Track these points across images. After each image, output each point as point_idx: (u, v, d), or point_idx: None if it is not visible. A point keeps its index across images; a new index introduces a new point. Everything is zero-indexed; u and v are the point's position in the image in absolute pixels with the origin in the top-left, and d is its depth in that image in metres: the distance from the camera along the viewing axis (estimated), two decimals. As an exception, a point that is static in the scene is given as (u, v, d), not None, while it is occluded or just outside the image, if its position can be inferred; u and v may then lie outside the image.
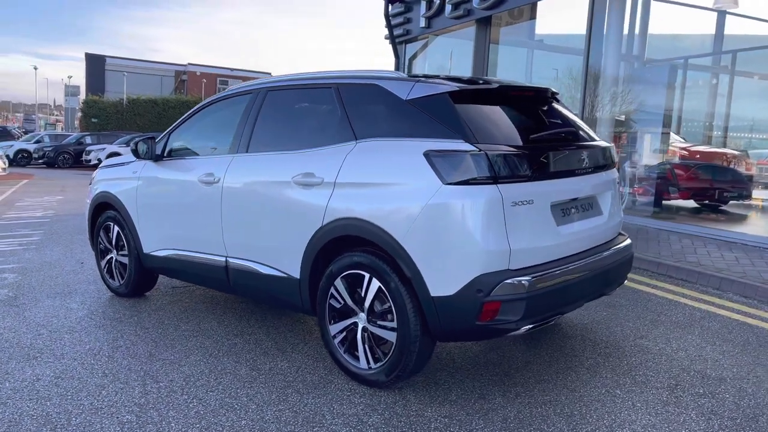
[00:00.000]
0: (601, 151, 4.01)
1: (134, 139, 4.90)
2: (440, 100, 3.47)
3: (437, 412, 3.33)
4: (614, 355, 4.14)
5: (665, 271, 6.25)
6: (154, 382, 3.70)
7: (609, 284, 3.91)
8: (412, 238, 3.32)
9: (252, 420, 3.24)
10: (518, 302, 3.21)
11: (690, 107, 10.41)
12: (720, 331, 4.67)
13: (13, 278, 6.19)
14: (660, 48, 10.50)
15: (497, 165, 3.21)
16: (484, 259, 3.18)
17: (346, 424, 3.20)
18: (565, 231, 3.54)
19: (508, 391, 3.60)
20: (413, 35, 13.70)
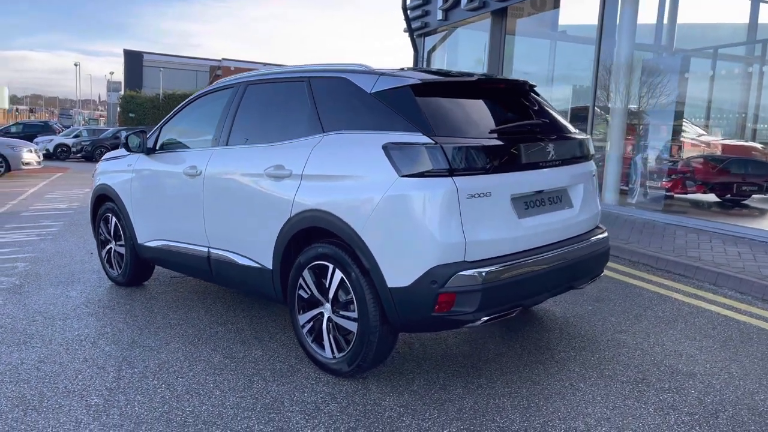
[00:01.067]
0: (573, 144, 3.98)
1: (125, 133, 5.04)
2: (402, 93, 3.50)
3: (395, 401, 3.38)
4: (588, 349, 4.12)
5: (664, 266, 6.15)
6: (129, 367, 3.84)
7: (577, 278, 3.89)
8: (370, 230, 3.37)
9: (213, 406, 3.33)
10: (473, 294, 3.23)
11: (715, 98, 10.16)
12: (704, 327, 4.59)
13: (23, 267, 6.44)
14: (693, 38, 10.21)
15: (453, 157, 3.23)
16: (438, 250, 3.21)
17: (302, 411, 3.27)
18: (527, 223, 3.53)
19: (471, 382, 3.62)
20: (431, 28, 13.66)
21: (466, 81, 3.79)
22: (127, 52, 47.96)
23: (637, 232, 7.39)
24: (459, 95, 3.69)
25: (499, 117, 3.79)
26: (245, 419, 3.18)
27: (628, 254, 6.56)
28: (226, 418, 3.20)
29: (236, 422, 3.15)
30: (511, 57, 11.88)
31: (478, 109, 3.72)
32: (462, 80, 3.77)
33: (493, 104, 3.85)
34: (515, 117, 3.86)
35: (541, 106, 4.10)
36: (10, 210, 10.81)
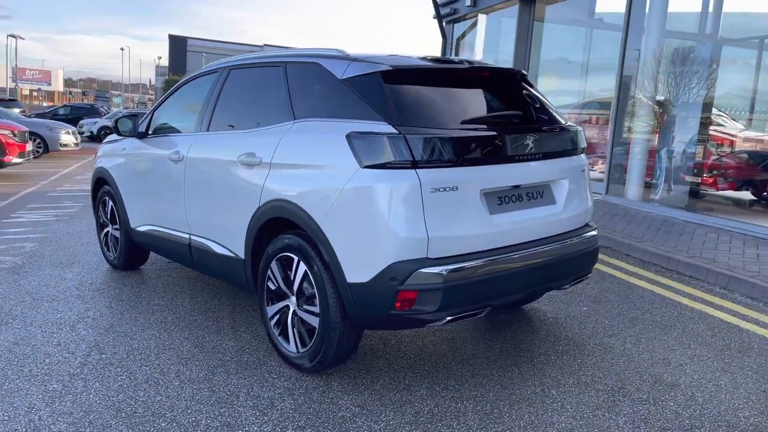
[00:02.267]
0: (559, 137, 3.77)
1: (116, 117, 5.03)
2: (371, 80, 3.35)
3: (353, 400, 3.27)
4: (570, 353, 3.92)
5: (674, 267, 5.84)
6: (98, 353, 3.82)
7: (558, 278, 3.69)
8: (330, 222, 3.25)
9: (167, 397, 3.28)
10: (434, 292, 3.08)
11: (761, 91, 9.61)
12: (703, 334, 4.33)
13: (30, 247, 6.54)
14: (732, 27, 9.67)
15: (417, 149, 3.07)
16: (398, 246, 3.06)
17: (256, 407, 3.19)
18: (500, 220, 3.35)
19: (438, 383, 3.48)
20: (460, 14, 13.36)
21: (446, 68, 3.61)
22: (172, 38, 48.65)
23: (654, 230, 7.06)
24: (436, 83, 3.51)
25: (478, 107, 3.60)
26: (195, 412, 3.11)
27: (639, 253, 6.27)
28: (176, 410, 3.14)
29: (185, 415, 3.09)
30: (539, 44, 11.52)
31: (455, 98, 3.54)
32: (441, 67, 3.59)
33: (474, 94, 3.66)
34: (495, 107, 3.67)
35: (530, 96, 3.89)
36: (38, 190, 11.06)
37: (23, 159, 13.14)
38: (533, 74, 11.80)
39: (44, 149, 17.64)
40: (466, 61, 3.96)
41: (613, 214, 7.96)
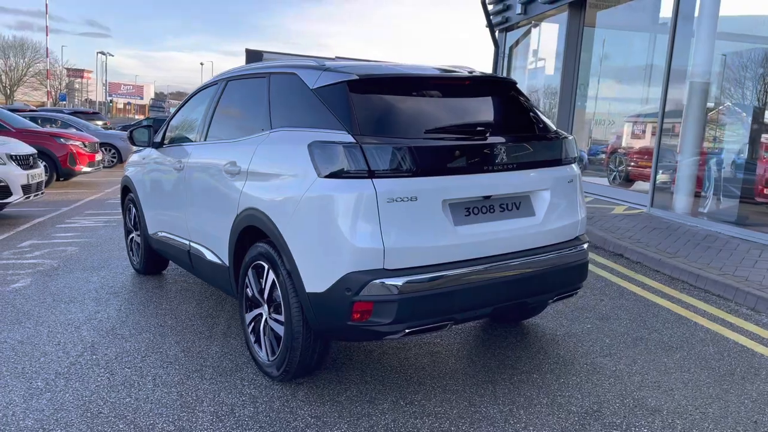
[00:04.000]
0: (542, 146, 3.63)
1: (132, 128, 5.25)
2: (337, 90, 3.35)
3: (312, 411, 3.25)
4: (555, 372, 3.75)
5: (703, 285, 5.49)
6: (90, 354, 3.98)
7: (534, 293, 3.55)
8: (291, 231, 3.26)
9: (136, 399, 3.37)
10: (389, 304, 3.04)
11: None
12: (709, 358, 4.03)
13: (71, 251, 6.92)
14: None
15: (373, 158, 3.05)
16: (353, 256, 3.04)
17: (215, 413, 3.23)
18: (466, 231, 3.26)
19: (404, 398, 3.41)
20: (512, 22, 13.14)
21: (419, 77, 3.56)
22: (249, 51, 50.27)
23: (692, 246, 6.66)
24: (408, 92, 3.47)
25: (449, 116, 3.52)
26: (155, 416, 3.19)
27: (668, 269, 5.93)
28: (139, 412, 3.23)
29: (145, 418, 3.17)
30: (590, 50, 11.16)
31: (427, 107, 3.48)
32: (414, 76, 3.55)
33: (449, 103, 3.59)
34: (469, 117, 3.58)
35: (512, 105, 3.78)
36: (100, 197, 11.70)
37: (93, 168, 13.91)
38: (583, 81, 11.45)
39: (118, 159, 18.63)
40: (460, 69, 3.90)
41: (652, 228, 7.57)
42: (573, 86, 11.32)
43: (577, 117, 11.65)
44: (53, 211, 9.93)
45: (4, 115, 13.73)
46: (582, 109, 11.85)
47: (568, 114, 11.44)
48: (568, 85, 11.32)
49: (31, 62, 68.56)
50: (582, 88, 11.46)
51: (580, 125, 11.90)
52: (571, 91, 11.34)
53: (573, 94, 11.35)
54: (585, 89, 11.63)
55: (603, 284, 5.67)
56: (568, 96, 11.35)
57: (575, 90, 11.34)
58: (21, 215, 9.41)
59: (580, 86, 11.36)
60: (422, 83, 3.55)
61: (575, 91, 11.34)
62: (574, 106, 11.47)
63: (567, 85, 11.32)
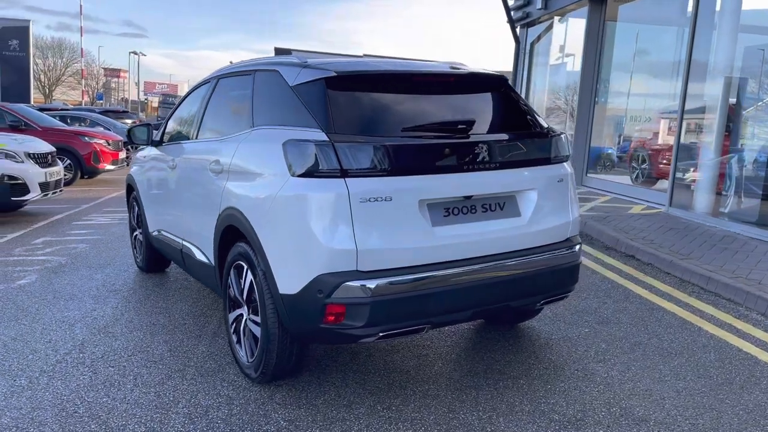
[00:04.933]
0: (529, 145, 3.51)
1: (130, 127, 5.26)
2: (314, 87, 3.29)
3: (286, 414, 3.20)
4: (543, 378, 3.63)
5: (713, 288, 5.27)
6: (78, 352, 3.99)
7: (518, 296, 3.43)
8: (265, 231, 3.22)
9: (113, 399, 3.36)
10: (362, 307, 2.96)
11: None
12: (708, 365, 3.86)
13: (81, 248, 7.00)
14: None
15: (346, 157, 2.97)
16: (325, 258, 2.97)
17: (189, 414, 3.20)
18: (445, 232, 3.16)
19: (382, 402, 3.33)
20: (533, 18, 12.89)
21: (401, 73, 3.47)
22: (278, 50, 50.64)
23: (708, 247, 6.42)
24: (388, 89, 3.39)
25: (430, 113, 3.42)
26: (128, 416, 3.17)
27: (679, 271, 5.72)
28: (114, 412, 3.21)
29: (118, 418, 3.15)
30: (611, 45, 10.87)
31: (407, 105, 3.40)
32: (395, 72, 3.46)
33: (431, 100, 3.50)
34: (451, 114, 3.46)
35: (500, 102, 3.66)
36: (120, 195, 11.81)
37: (116, 166, 14.12)
38: (604, 76, 11.17)
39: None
40: (456, 66, 3.81)
41: (668, 228, 7.33)
42: (593, 82, 11.05)
43: (598, 114, 11.37)
44: (73, 208, 10.09)
45: (31, 113, 14.03)
46: (603, 105, 11.57)
47: (588, 111, 11.18)
48: (589, 81, 11.05)
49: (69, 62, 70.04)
50: (603, 83, 11.18)
51: (601, 122, 11.62)
52: (592, 87, 11.07)
53: (593, 90, 11.08)
54: (606, 85, 11.35)
55: (609, 286, 5.50)
56: (588, 92, 11.09)
57: (596, 86, 11.07)
58: (41, 212, 9.58)
59: (602, 82, 11.09)
60: (404, 80, 3.46)
61: (596, 87, 11.07)
62: (595, 102, 11.20)
63: (587, 81, 11.06)
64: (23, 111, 13.98)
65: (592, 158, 11.61)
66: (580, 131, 11.22)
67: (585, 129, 11.18)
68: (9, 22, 31.90)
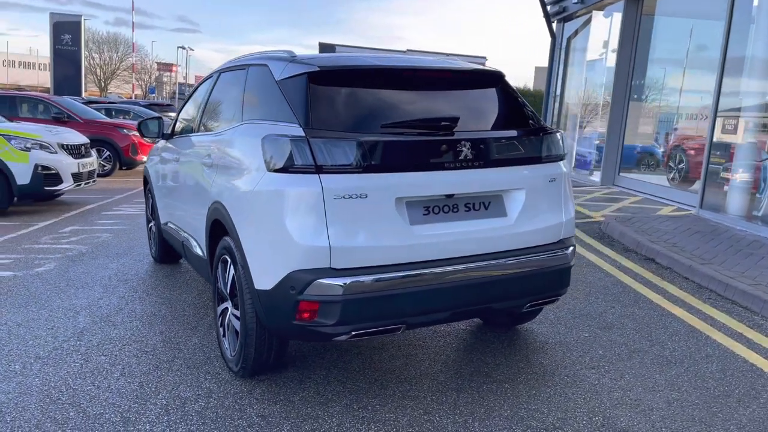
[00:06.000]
0: (518, 143, 3.41)
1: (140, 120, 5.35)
2: (297, 82, 3.27)
3: (261, 410, 3.20)
4: (529, 383, 3.53)
5: (731, 295, 5.04)
6: (76, 340, 4.09)
7: (501, 299, 3.34)
8: (243, 226, 3.22)
9: (98, 387, 3.43)
10: (333, 305, 2.94)
11: None
12: (708, 376, 3.68)
13: (104, 238, 7.19)
14: None
15: (320, 153, 2.94)
16: (298, 254, 2.95)
17: (165, 406, 3.23)
18: (424, 231, 3.10)
19: (359, 401, 3.30)
20: (569, 12, 12.57)
21: (388, 68, 3.41)
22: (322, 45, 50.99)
23: (733, 252, 6.14)
24: (374, 84, 3.34)
25: (415, 109, 3.35)
26: (107, 405, 3.22)
27: (698, 277, 5.49)
28: (94, 401, 3.27)
29: (97, 407, 3.20)
30: (647, 40, 10.51)
31: (392, 100, 3.34)
32: (382, 67, 3.40)
33: (419, 95, 3.43)
34: (437, 110, 3.39)
35: (493, 99, 3.58)
36: (154, 186, 12.10)
37: (154, 158, 14.43)
38: (640, 72, 10.81)
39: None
40: (444, 59, 3.74)
41: (695, 232, 7.05)
42: (628, 78, 10.71)
43: (633, 111, 11.02)
44: (106, 198, 10.38)
45: (74, 106, 14.47)
46: (639, 102, 11.21)
47: (621, 108, 10.85)
48: (623, 77, 10.72)
49: (123, 56, 72.03)
50: (639, 79, 10.83)
51: (636, 120, 11.27)
52: (626, 83, 10.73)
53: (628, 86, 10.74)
54: (642, 81, 10.99)
55: (620, 290, 5.32)
56: (623, 88, 10.75)
57: (630, 82, 10.72)
58: (75, 202, 9.89)
59: (638, 78, 10.73)
60: (392, 75, 3.41)
61: (630, 83, 10.73)
62: (629, 99, 10.86)
63: (622, 77, 10.73)
64: (67, 104, 14.44)
65: (626, 157, 11.27)
66: (613, 129, 10.91)
67: (618, 127, 10.86)
68: (62, 17, 33.06)
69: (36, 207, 9.27)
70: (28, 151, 8.50)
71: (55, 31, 32.58)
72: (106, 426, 3.02)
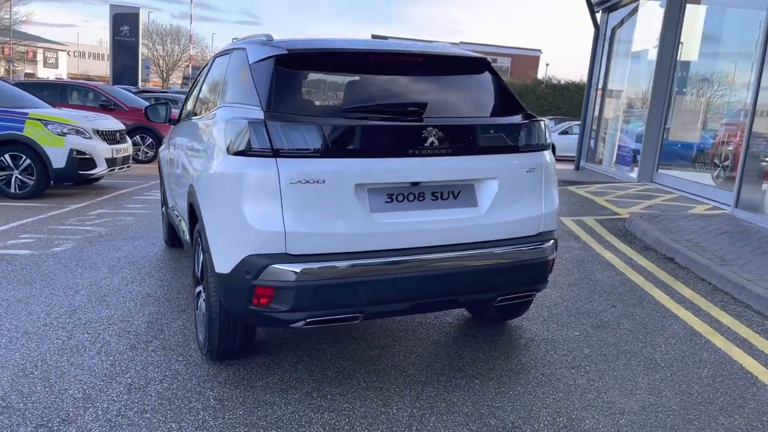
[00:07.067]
0: (493, 130, 3.28)
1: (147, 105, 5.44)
2: (265, 65, 3.24)
3: (220, 394, 3.21)
4: (502, 380, 3.41)
5: (745, 299, 4.74)
6: (67, 317, 4.19)
7: (467, 291, 3.23)
8: (206, 209, 3.23)
9: (71, 364, 3.50)
10: (287, 291, 2.91)
11: None
12: (694, 382, 3.47)
13: (126, 221, 7.38)
14: None
15: (277, 136, 2.90)
16: (252, 238, 2.93)
17: (129, 385, 3.27)
18: (385, 219, 3.03)
19: (321, 389, 3.26)
20: (614, 1, 12.11)
21: (359, 52, 3.34)
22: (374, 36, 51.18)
23: (759, 254, 5.78)
24: (343, 68, 3.30)
25: (384, 94, 3.27)
26: (75, 381, 3.28)
27: (715, 279, 5.19)
28: (64, 377, 3.34)
29: (64, 383, 3.27)
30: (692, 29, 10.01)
31: (361, 84, 3.28)
32: (353, 51, 3.33)
33: (390, 80, 3.35)
34: (407, 95, 3.29)
35: (471, 85, 3.47)
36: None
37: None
38: (684, 64, 10.31)
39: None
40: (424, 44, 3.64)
41: (722, 232, 6.68)
42: (671, 70, 10.24)
43: (676, 105, 10.54)
44: (142, 183, 10.68)
45: (121, 95, 14.93)
46: (682, 96, 10.71)
47: (662, 101, 10.39)
48: (665, 69, 10.25)
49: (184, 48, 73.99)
50: (683, 71, 10.34)
51: (679, 114, 10.77)
52: (668, 76, 10.26)
53: (670, 78, 10.27)
54: (686, 73, 10.49)
55: (626, 289, 5.09)
56: (664, 80, 10.29)
57: (673, 74, 10.25)
58: (112, 186, 10.23)
59: (681, 70, 10.25)
60: (362, 59, 3.33)
61: (673, 75, 10.26)
62: (671, 92, 10.39)
63: (663, 69, 10.26)
64: (114, 92, 14.92)
65: (667, 153, 10.80)
66: (652, 123, 10.46)
67: (658, 121, 10.41)
68: (121, 9, 34.20)
69: (73, 190, 9.61)
70: (64, 136, 8.79)
71: (115, 22, 33.74)
72: (66, 401, 3.08)
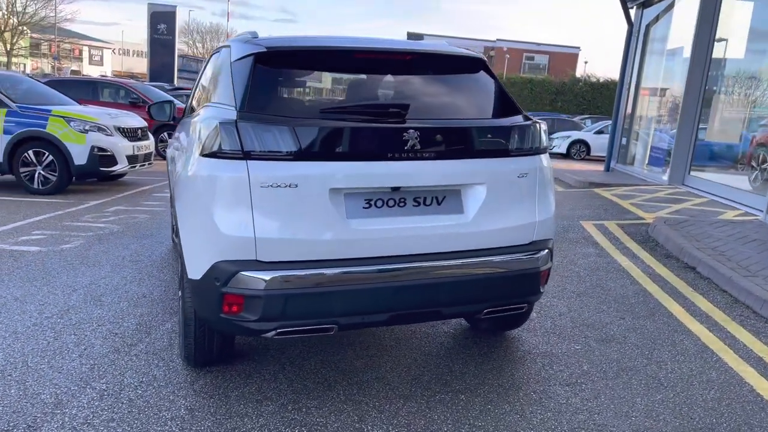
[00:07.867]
0: (483, 133, 3.10)
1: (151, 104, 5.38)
2: (244, 63, 3.12)
3: (192, 403, 3.11)
4: (489, 397, 3.23)
5: (767, 314, 4.44)
6: (59, 317, 4.16)
7: (451, 303, 3.05)
8: (180, 212, 3.14)
9: (51, 367, 3.45)
10: (256, 300, 2.78)
11: None
12: (698, 405, 3.23)
13: (141, 218, 7.40)
14: None
15: (248, 138, 2.78)
16: (221, 244, 2.82)
17: (102, 391, 3.20)
18: (362, 226, 2.88)
19: (296, 402, 3.14)
20: (648, -3, 11.69)
21: (343, 50, 3.19)
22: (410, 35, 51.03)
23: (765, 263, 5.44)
24: (326, 67, 3.17)
25: (366, 94, 3.13)
26: (50, 385, 3.22)
27: (736, 291, 4.89)
28: (41, 380, 3.28)
29: (40, 386, 3.21)
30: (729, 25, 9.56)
31: (343, 84, 3.13)
32: (337, 49, 3.19)
33: (374, 80, 3.21)
34: (391, 96, 3.14)
35: (462, 85, 3.29)
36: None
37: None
38: (717, 61, 9.86)
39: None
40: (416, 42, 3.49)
41: (752, 240, 6.32)
42: (705, 68, 9.81)
43: (711, 105, 10.09)
44: (164, 180, 10.71)
45: (150, 92, 15.09)
46: (717, 95, 10.25)
47: (695, 101, 9.96)
48: (699, 67, 9.82)
49: (223, 45, 75.10)
50: (717, 69, 9.89)
51: (714, 114, 10.31)
52: (702, 74, 9.84)
53: (704, 76, 9.84)
54: (721, 71, 10.03)
55: (639, 300, 4.83)
56: (698, 79, 9.86)
57: (707, 72, 9.82)
58: (134, 183, 10.32)
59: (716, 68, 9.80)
60: (346, 58, 3.18)
61: (707, 73, 9.82)
62: (704, 90, 9.95)
63: (697, 67, 9.83)
64: (143, 89, 15.09)
65: (700, 155, 10.36)
66: (684, 124, 10.04)
67: (691, 121, 9.99)
68: (159, 7, 34.71)
69: (95, 186, 9.71)
70: (86, 133, 8.86)
71: (152, 20, 34.29)
72: (36, 406, 3.02)
